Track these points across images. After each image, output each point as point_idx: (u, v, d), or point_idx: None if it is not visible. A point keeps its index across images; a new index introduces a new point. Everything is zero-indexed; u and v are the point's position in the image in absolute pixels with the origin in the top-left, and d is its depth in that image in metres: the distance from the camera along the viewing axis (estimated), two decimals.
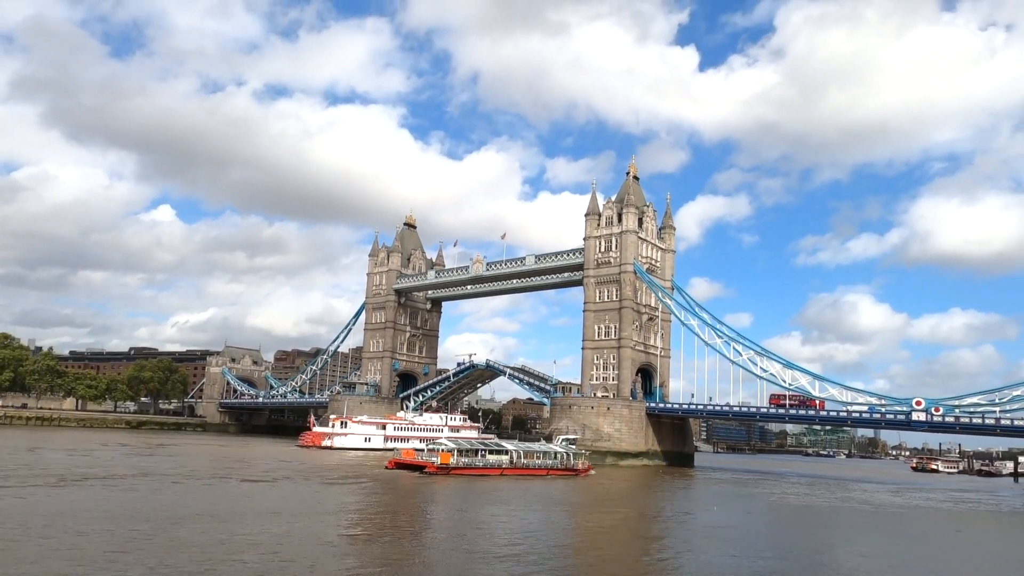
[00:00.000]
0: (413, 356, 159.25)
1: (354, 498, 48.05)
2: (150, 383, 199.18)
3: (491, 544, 31.21)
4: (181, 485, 48.58)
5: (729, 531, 40.60)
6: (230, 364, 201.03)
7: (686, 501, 60.89)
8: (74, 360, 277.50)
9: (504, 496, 51.77)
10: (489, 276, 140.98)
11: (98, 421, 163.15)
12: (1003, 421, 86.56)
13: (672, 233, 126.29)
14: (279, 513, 36.99)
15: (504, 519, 39.70)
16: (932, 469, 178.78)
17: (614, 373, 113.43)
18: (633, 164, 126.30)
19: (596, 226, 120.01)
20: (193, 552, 25.35)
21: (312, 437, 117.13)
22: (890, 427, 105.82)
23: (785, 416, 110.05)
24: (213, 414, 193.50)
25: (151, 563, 23.30)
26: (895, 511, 59.35)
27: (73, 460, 64.78)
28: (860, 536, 40.32)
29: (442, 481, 61.07)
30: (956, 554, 38.42)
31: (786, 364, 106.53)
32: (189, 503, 39.41)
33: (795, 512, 56.26)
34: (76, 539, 26.71)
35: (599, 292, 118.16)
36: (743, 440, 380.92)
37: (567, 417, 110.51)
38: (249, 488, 50.20)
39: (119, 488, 44.04)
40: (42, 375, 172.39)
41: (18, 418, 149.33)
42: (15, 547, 24.87)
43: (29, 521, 30.02)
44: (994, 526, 56.01)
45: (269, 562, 24.66)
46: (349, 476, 63.43)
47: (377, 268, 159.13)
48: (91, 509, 34.46)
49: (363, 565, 25.61)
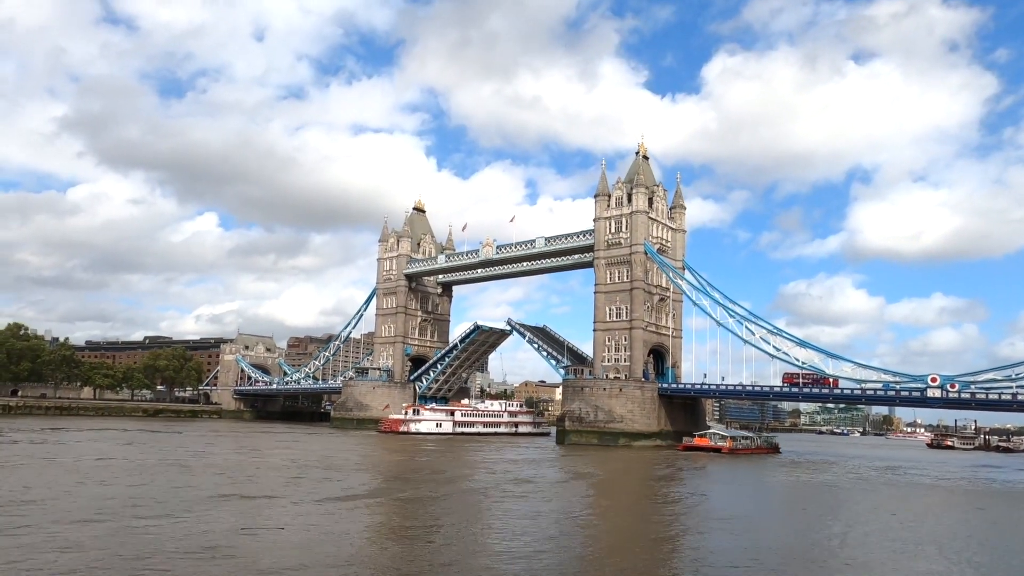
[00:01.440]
0: (425, 340, 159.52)
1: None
2: (165, 371, 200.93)
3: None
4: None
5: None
6: (244, 352, 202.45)
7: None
8: (90, 350, 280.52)
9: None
10: (499, 259, 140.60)
11: (115, 409, 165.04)
12: (1020, 396, 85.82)
13: (683, 213, 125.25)
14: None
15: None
16: (948, 446, 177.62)
17: (626, 354, 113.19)
18: (642, 144, 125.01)
19: (606, 207, 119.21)
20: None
21: (390, 423, 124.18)
22: (905, 404, 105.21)
23: (799, 395, 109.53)
24: (228, 401, 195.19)
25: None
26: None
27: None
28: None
29: (737, 456, 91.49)
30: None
31: (799, 342, 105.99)
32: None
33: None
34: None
35: (610, 273, 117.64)
36: (756, 420, 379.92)
37: (580, 399, 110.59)
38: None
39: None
40: (59, 365, 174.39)
41: (38, 408, 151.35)
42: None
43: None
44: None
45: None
46: (660, 462, 76.44)
47: (387, 253, 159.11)
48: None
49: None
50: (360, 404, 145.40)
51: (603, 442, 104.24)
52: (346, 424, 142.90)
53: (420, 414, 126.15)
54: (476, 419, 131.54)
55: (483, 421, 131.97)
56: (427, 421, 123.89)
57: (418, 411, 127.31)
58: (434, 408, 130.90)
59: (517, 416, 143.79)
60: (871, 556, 27.91)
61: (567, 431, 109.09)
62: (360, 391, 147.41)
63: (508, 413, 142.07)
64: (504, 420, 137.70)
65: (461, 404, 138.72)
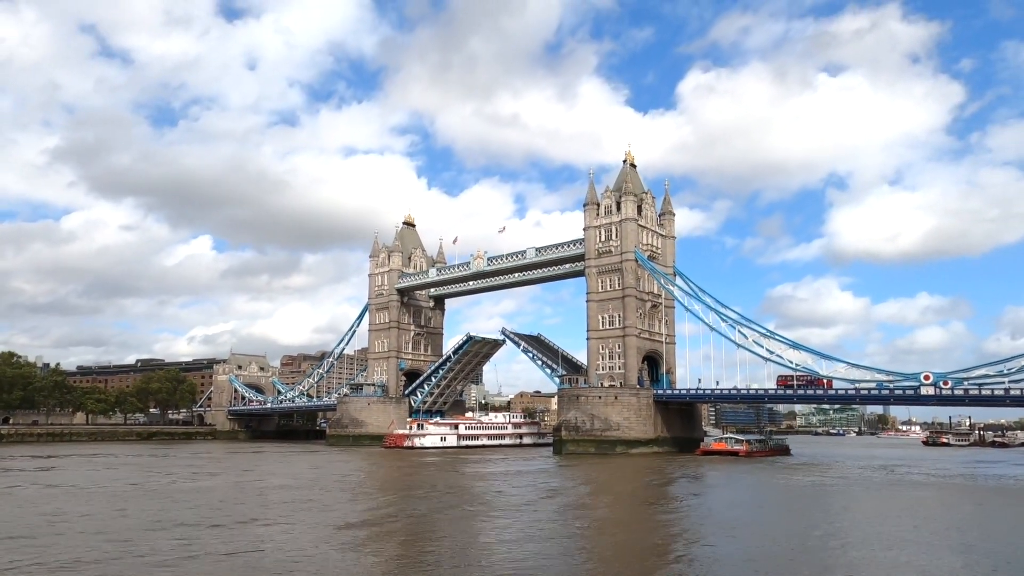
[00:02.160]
0: (418, 355, 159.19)
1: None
2: (158, 394, 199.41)
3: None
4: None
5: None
6: (237, 372, 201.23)
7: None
8: (82, 375, 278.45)
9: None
10: (490, 271, 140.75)
11: (109, 434, 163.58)
12: (1012, 392, 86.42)
13: (672, 219, 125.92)
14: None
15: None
16: (943, 443, 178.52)
17: (620, 362, 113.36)
18: (629, 153, 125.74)
19: (595, 215, 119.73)
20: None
21: (395, 439, 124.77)
22: (899, 402, 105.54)
23: (793, 397, 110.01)
24: (223, 422, 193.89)
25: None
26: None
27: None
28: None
29: (755, 459, 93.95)
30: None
31: (792, 344, 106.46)
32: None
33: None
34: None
35: (601, 281, 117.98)
36: (752, 423, 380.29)
37: (575, 408, 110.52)
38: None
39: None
40: (50, 392, 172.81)
41: (30, 435, 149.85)
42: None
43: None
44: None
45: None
46: (682, 466, 79.30)
47: (378, 268, 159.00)
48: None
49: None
50: (355, 420, 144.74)
51: (600, 450, 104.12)
52: (342, 441, 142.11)
53: (424, 428, 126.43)
54: (480, 432, 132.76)
55: (487, 433, 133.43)
56: (431, 436, 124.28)
57: (422, 425, 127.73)
58: (438, 422, 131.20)
59: (521, 427, 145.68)
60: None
61: (564, 440, 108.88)
62: (355, 407, 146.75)
63: (512, 424, 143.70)
64: (508, 432, 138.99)
65: (465, 417, 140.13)
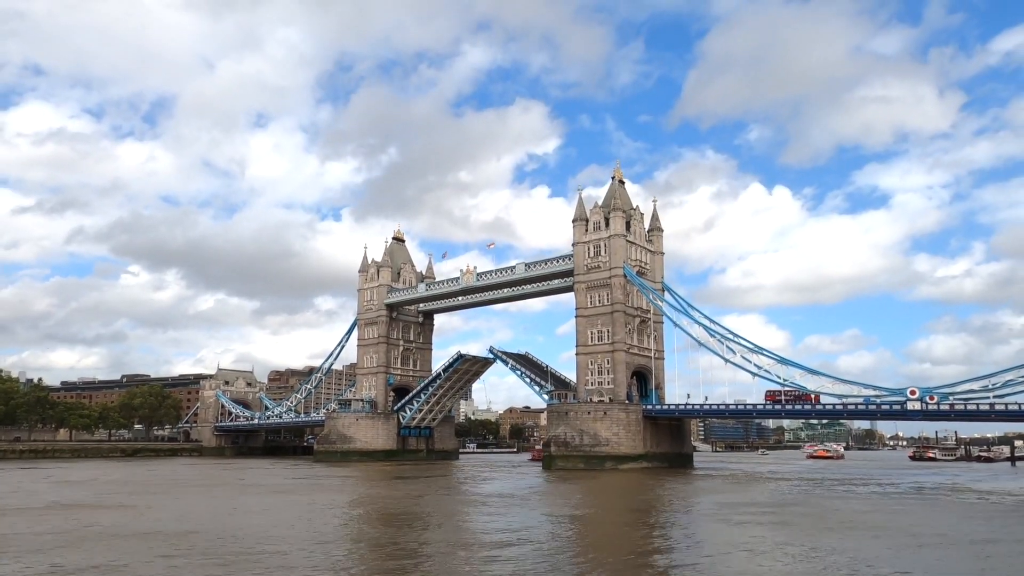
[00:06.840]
0: (407, 370, 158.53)
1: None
2: (141, 410, 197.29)
3: None
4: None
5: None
6: (224, 387, 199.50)
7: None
8: (65, 390, 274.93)
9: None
10: (480, 287, 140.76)
11: (92, 451, 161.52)
12: (997, 406, 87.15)
13: (660, 235, 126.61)
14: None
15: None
16: (930, 457, 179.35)
17: (609, 377, 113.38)
18: (618, 168, 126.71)
19: (584, 231, 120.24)
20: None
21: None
22: (886, 417, 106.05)
23: (781, 412, 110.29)
24: (209, 438, 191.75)
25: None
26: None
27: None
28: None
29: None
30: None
31: (779, 360, 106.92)
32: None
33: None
34: None
35: (590, 297, 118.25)
36: (740, 438, 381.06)
37: (564, 424, 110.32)
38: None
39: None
40: (32, 407, 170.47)
41: (11, 452, 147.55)
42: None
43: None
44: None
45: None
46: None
47: (367, 284, 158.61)
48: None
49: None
50: (343, 436, 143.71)
51: (590, 466, 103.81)
52: (330, 457, 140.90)
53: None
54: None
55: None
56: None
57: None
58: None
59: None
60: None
61: (553, 456, 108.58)
62: (343, 423, 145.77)
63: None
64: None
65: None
